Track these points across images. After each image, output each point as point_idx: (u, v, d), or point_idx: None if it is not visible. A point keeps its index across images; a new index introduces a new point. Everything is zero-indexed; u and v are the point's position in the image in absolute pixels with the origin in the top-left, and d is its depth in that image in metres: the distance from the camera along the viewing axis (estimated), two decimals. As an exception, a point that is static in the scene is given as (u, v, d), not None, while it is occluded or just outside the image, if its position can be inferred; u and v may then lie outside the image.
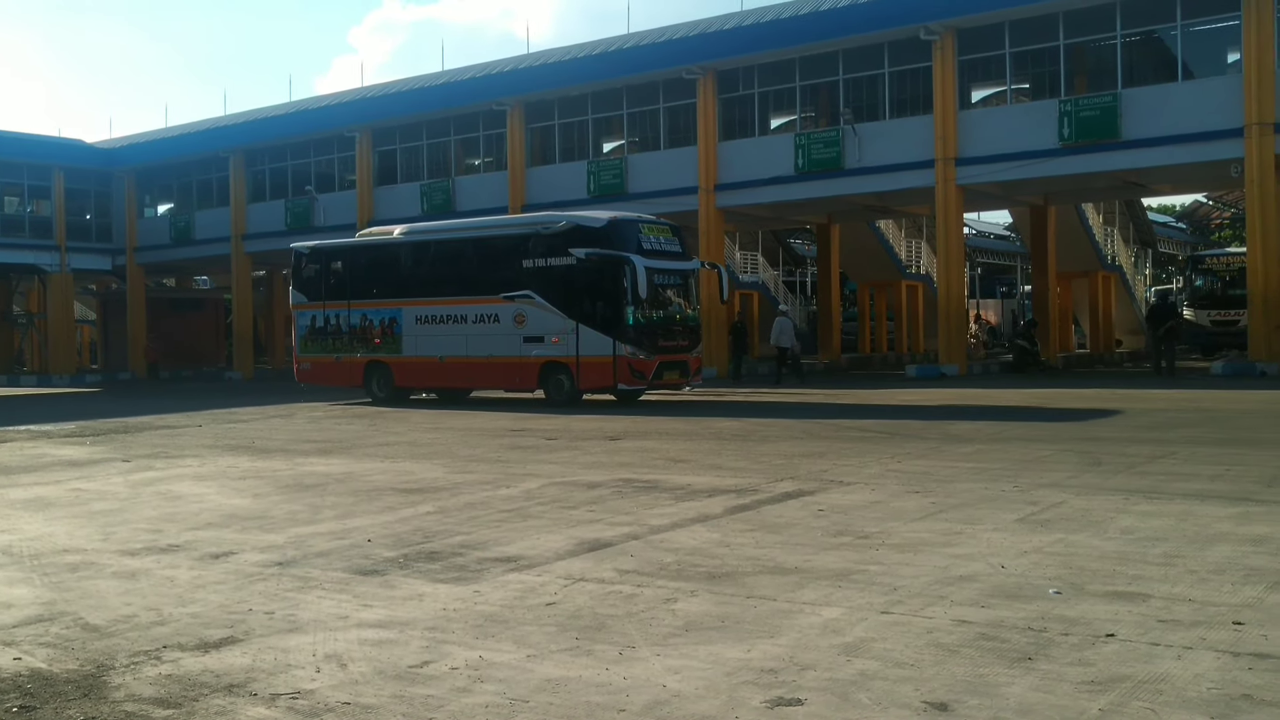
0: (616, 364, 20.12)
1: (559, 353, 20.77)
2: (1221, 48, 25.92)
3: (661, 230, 21.43)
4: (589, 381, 20.59)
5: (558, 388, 20.95)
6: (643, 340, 20.30)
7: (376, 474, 11.48)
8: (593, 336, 20.34)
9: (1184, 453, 11.42)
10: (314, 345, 24.72)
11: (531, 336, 21.09)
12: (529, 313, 21.07)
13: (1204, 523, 7.49)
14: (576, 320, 20.50)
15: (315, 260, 25.19)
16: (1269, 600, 5.45)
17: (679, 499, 9.17)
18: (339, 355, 24.17)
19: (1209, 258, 38.73)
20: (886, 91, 28.09)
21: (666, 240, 21.27)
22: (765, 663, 4.69)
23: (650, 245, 20.62)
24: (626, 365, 20.13)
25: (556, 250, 20.76)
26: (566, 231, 20.74)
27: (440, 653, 4.97)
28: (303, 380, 25.27)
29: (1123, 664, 4.53)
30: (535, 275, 21.07)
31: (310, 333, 24.78)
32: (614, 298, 20.16)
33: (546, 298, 20.84)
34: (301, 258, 25.45)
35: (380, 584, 6.39)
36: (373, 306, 23.61)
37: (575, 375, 20.62)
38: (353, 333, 23.89)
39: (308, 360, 24.94)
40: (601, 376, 20.41)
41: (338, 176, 39.49)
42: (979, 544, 7.00)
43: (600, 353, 20.25)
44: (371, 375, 23.67)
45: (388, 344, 23.33)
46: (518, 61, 34.46)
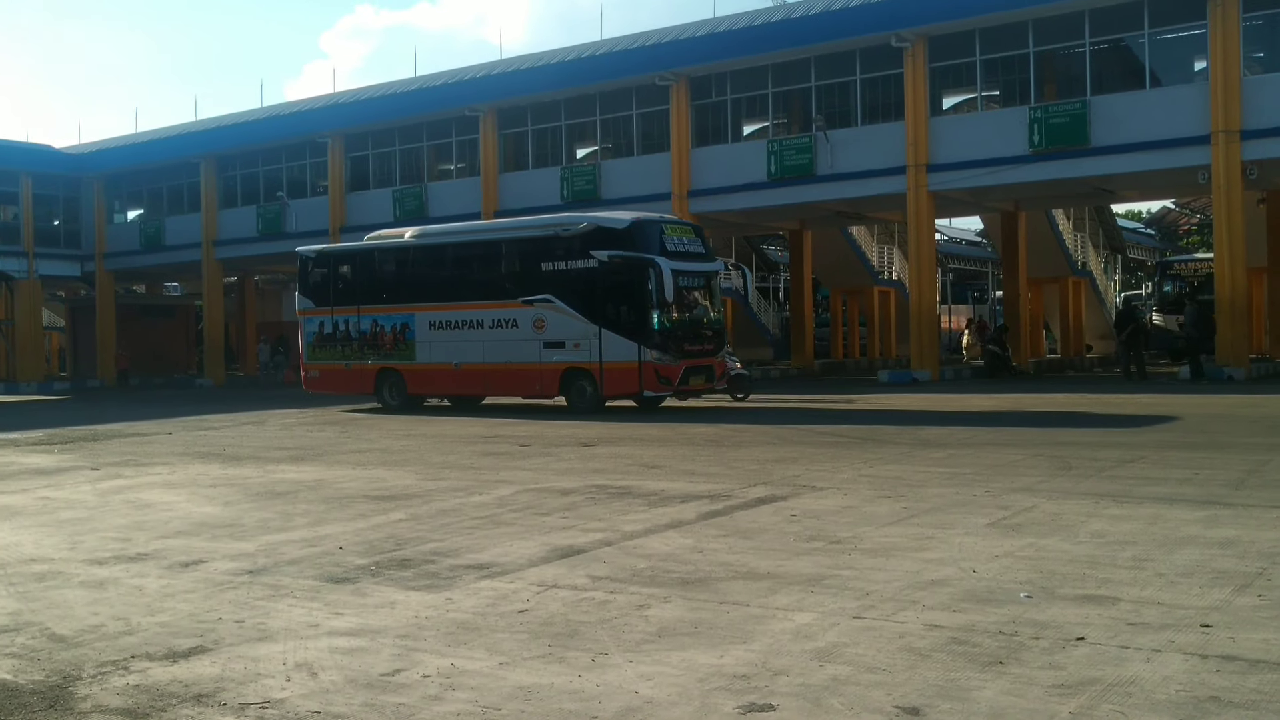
0: (642, 370, 19.37)
1: (581, 358, 20.09)
2: (1188, 56, 26.18)
3: (684, 231, 20.88)
4: (613, 388, 19.91)
5: (580, 395, 20.33)
6: (669, 345, 19.56)
7: (349, 481, 11.42)
8: (617, 341, 19.58)
9: (1153, 456, 11.52)
10: (323, 352, 23.98)
11: (552, 342, 20.39)
12: (549, 317, 20.38)
13: (1173, 526, 7.56)
14: (599, 325, 19.78)
15: (323, 264, 24.50)
16: (1236, 603, 5.50)
17: (652, 505, 9.17)
18: (349, 362, 23.45)
19: (1177, 263, 39.11)
20: (858, 98, 28.22)
21: (689, 241, 20.63)
22: (738, 668, 4.69)
23: (674, 246, 19.97)
24: (653, 371, 19.37)
25: (577, 252, 20.11)
26: (588, 233, 20.05)
27: (412, 661, 4.95)
28: (311, 389, 24.57)
29: (1093, 667, 4.56)
30: (555, 278, 20.40)
31: (318, 339, 24.01)
32: (638, 301, 19.46)
33: (567, 302, 20.16)
34: (308, 262, 24.71)
35: (352, 592, 6.36)
36: (384, 312, 22.93)
37: (599, 382, 19.93)
38: (363, 339, 23.20)
39: (316, 368, 24.16)
40: (626, 383, 19.70)
41: (310, 182, 39.29)
42: (951, 548, 7.03)
43: (625, 358, 19.52)
44: (383, 382, 22.97)
45: (400, 350, 22.66)
46: (491, 67, 34.42)
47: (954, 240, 53.15)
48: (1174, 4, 24.20)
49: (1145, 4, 24.33)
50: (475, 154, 34.60)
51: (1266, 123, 23.10)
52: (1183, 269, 37.40)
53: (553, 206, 31.02)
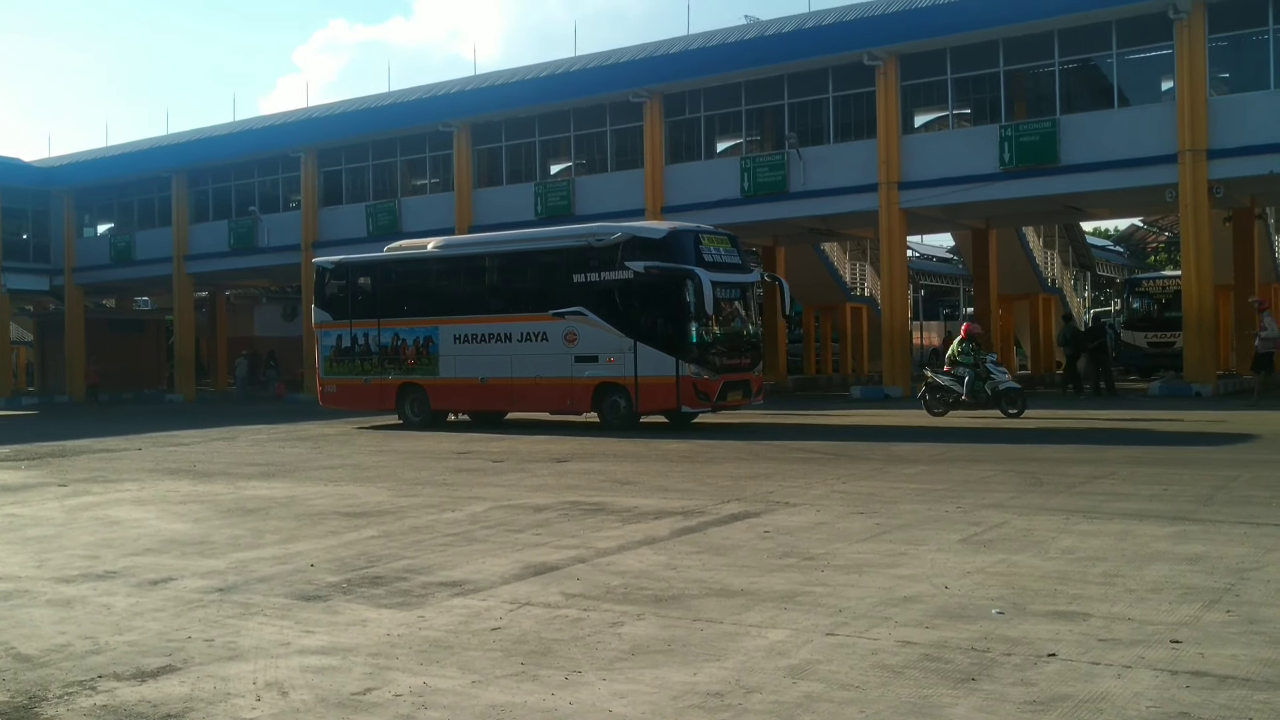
0: (680, 385, 18.65)
1: (615, 373, 19.38)
2: (1156, 76, 26.47)
3: (720, 241, 20.10)
4: (649, 404, 19.22)
5: (614, 410, 19.61)
6: (707, 359, 18.84)
7: (320, 498, 11.36)
8: (653, 355, 18.88)
9: (1123, 472, 11.60)
10: (340, 367, 23.11)
11: (584, 356, 19.67)
12: (581, 330, 19.67)
13: (1142, 542, 7.61)
14: (634, 338, 19.07)
15: (340, 276, 23.63)
16: (1205, 619, 5.54)
17: (626, 521, 9.16)
18: (368, 377, 22.62)
19: (1145, 281, 39.44)
20: (831, 116, 28.38)
21: (726, 251, 19.91)
22: (711, 686, 4.69)
23: (711, 256, 19.24)
24: (691, 386, 18.63)
25: (611, 263, 19.36)
26: (622, 244, 19.32)
27: (383, 679, 4.92)
28: (327, 404, 23.80)
29: (1064, 683, 4.59)
30: (587, 290, 19.67)
31: (336, 354, 23.17)
32: (677, 314, 18.76)
33: (600, 314, 19.46)
34: (325, 273, 23.86)
35: (323, 609, 6.31)
36: (406, 325, 22.16)
37: (634, 397, 19.20)
38: (383, 353, 22.37)
39: (333, 383, 23.29)
40: (663, 398, 19.01)
41: (282, 197, 39.14)
42: (923, 565, 7.05)
43: (662, 373, 18.81)
44: (405, 398, 22.21)
45: (423, 365, 21.86)
46: (465, 83, 34.43)
47: (926, 257, 53.47)
48: (1141, 25, 24.48)
49: (1113, 25, 24.62)
50: (449, 169, 34.56)
51: (1232, 142, 23.38)
52: (1151, 286, 37.74)
53: (526, 222, 31.01)
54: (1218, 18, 23.77)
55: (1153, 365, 33.67)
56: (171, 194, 40.48)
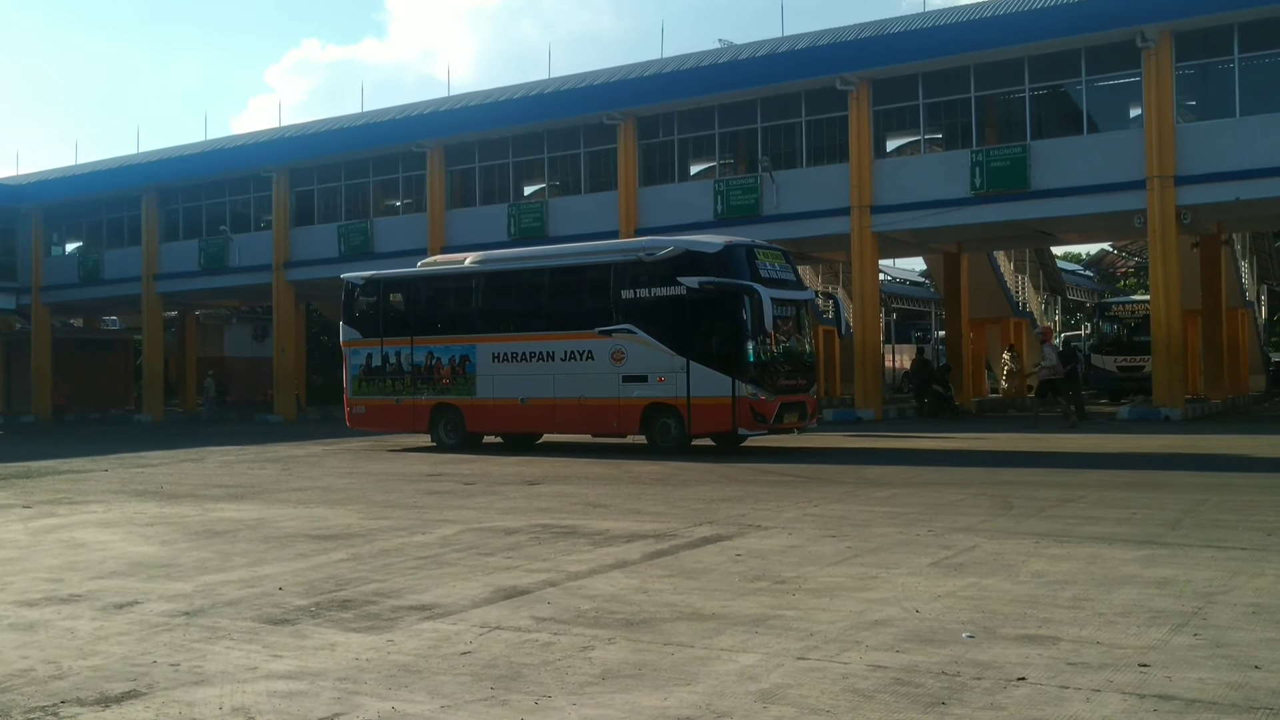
0: (736, 406, 17.94)
1: (665, 393, 18.63)
2: (1124, 103, 26.79)
3: (775, 255, 19.44)
4: (702, 426, 18.52)
5: (664, 432, 18.83)
6: (765, 379, 18.18)
7: (289, 520, 11.27)
8: (707, 375, 18.14)
9: (1092, 496, 11.67)
10: (370, 386, 22.17)
11: (632, 375, 18.90)
12: (629, 349, 18.92)
13: (1111, 566, 7.65)
14: (687, 357, 18.33)
15: (370, 293, 22.73)
16: (1173, 642, 5.57)
17: (597, 545, 9.13)
18: (399, 397, 21.70)
19: (1115, 305, 39.83)
20: (804, 139, 28.56)
21: (781, 267, 19.27)
22: (682, 710, 4.67)
23: (767, 272, 18.60)
24: (748, 407, 17.91)
25: (662, 279, 18.71)
26: (674, 258, 18.64)
27: (351, 704, 4.88)
28: (355, 426, 22.82)
29: (1033, 707, 4.59)
30: (636, 307, 18.97)
31: (365, 373, 22.23)
32: (733, 332, 18.07)
33: (650, 332, 18.72)
34: (354, 289, 22.90)
35: (291, 633, 6.25)
36: (440, 343, 21.32)
37: (686, 419, 18.44)
38: (416, 372, 21.50)
39: (362, 403, 22.33)
40: (717, 420, 18.29)
41: (254, 216, 38.97)
42: (894, 588, 7.06)
43: (716, 393, 18.08)
44: (439, 419, 21.34)
45: (458, 384, 21.01)
46: (438, 104, 34.46)
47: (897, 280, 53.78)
48: (1110, 53, 24.81)
49: (1083, 52, 24.94)
50: (422, 190, 34.53)
51: (1199, 169, 23.69)
52: (1120, 311, 38.10)
53: (499, 243, 30.97)
54: (1185, 46, 24.12)
55: (1123, 389, 33.95)
56: (141, 213, 40.24)
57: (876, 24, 27.95)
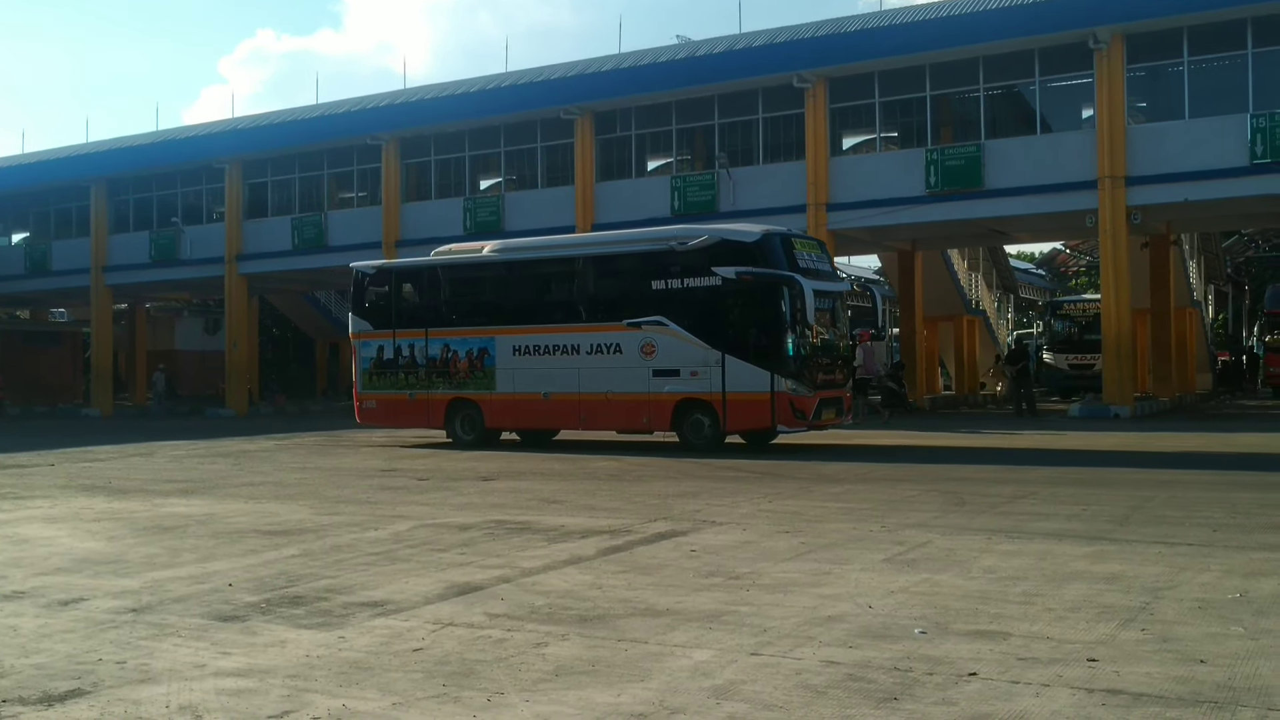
0: (776, 402, 17.29)
1: (698, 388, 17.97)
2: (1077, 104, 27.12)
3: (812, 246, 18.91)
4: (738, 422, 17.94)
5: (696, 429, 18.20)
6: (804, 374, 17.53)
7: (240, 515, 11.14)
8: (744, 370, 17.52)
9: (1043, 493, 11.79)
10: (381, 380, 21.29)
11: (663, 370, 18.22)
12: (660, 342, 18.25)
13: (1061, 561, 7.73)
14: (722, 351, 17.70)
15: (381, 283, 21.88)
16: (1120, 637, 5.63)
17: (552, 540, 9.10)
18: (412, 392, 20.86)
19: (1066, 304, 40.30)
20: (761, 137, 28.66)
21: (818, 257, 18.72)
22: (635, 707, 4.66)
23: (805, 263, 17.97)
24: (788, 403, 17.29)
25: (696, 269, 18.03)
26: (709, 247, 17.95)
27: (301, 702, 4.82)
28: (366, 421, 22.01)
29: (984, 702, 4.62)
30: (668, 298, 18.32)
31: (376, 366, 21.33)
32: (772, 325, 17.45)
33: (683, 324, 18.06)
34: (365, 279, 21.99)
35: (240, 630, 6.18)
36: (457, 335, 20.47)
37: (721, 415, 17.82)
38: (431, 366, 20.64)
39: (372, 398, 21.45)
40: (755, 416, 17.69)
41: (206, 208, 38.54)
42: (847, 584, 7.09)
43: (754, 389, 17.45)
44: (455, 414, 20.53)
45: (476, 379, 20.18)
46: (394, 96, 34.21)
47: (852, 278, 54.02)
48: (1063, 54, 25.09)
49: (1036, 53, 25.21)
50: (377, 183, 34.31)
51: (1149, 170, 24.03)
52: (1071, 309, 38.54)
53: (455, 237, 30.82)
54: (1136, 49, 24.45)
55: (1074, 387, 34.36)
56: (90, 203, 39.69)
57: (834, 22, 28.09)
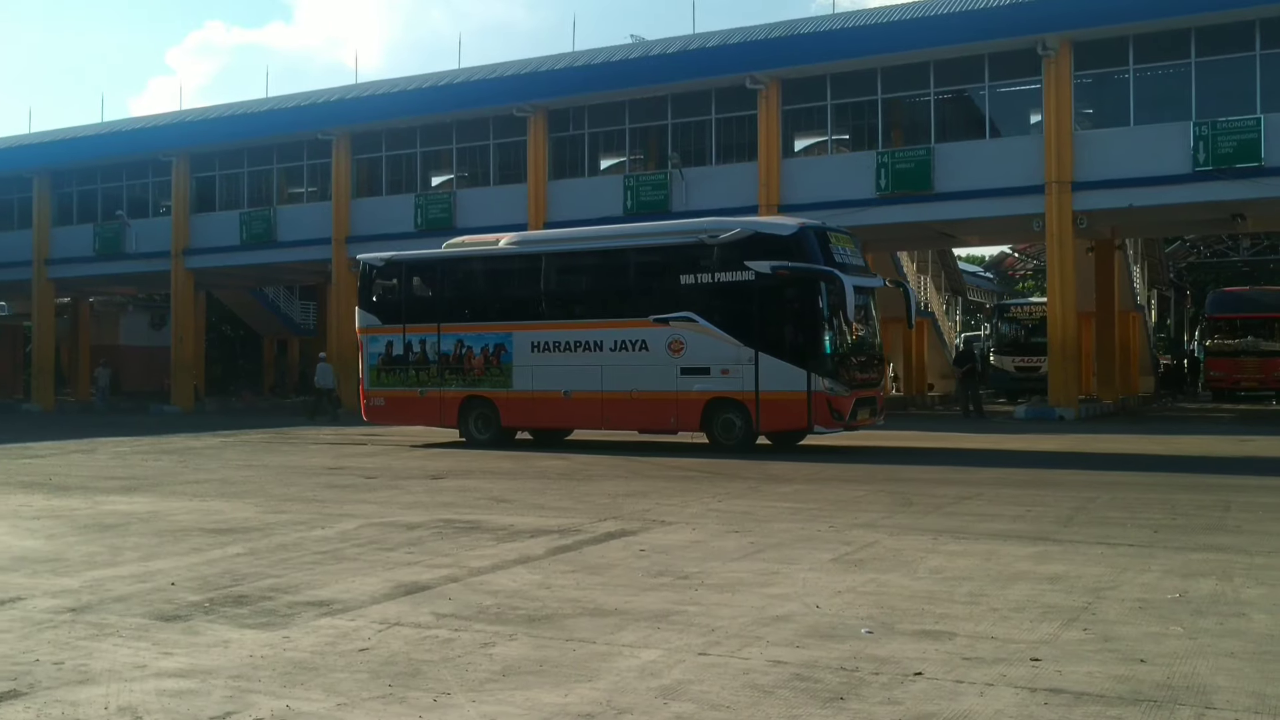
0: (813, 401, 16.75)
1: (730, 387, 17.40)
2: (1025, 109, 27.45)
3: (846, 240, 18.26)
4: (773, 422, 17.34)
5: (727, 429, 17.62)
6: (841, 373, 17.08)
7: (184, 513, 10.99)
8: (779, 368, 16.97)
9: (989, 494, 11.92)
10: (390, 377, 20.53)
11: (692, 367, 17.64)
12: (689, 339, 17.65)
13: (1006, 562, 7.81)
14: (755, 348, 17.14)
15: (391, 275, 21.02)
16: (1063, 637, 5.70)
17: (500, 540, 9.06)
18: (423, 389, 20.14)
19: (1013, 307, 40.77)
20: (714, 137, 28.74)
21: (852, 252, 18.15)
22: (582, 707, 4.65)
23: (841, 258, 17.41)
24: (825, 403, 16.75)
25: (727, 263, 17.45)
26: (742, 241, 17.35)
27: (244, 702, 4.76)
28: (374, 419, 21.24)
29: (929, 702, 4.66)
30: (698, 293, 17.74)
31: (384, 362, 20.57)
32: (810, 321, 16.97)
33: (713, 321, 17.47)
34: (373, 271, 21.09)
35: (183, 630, 6.09)
36: (472, 330, 19.76)
37: (754, 415, 17.26)
38: (443, 362, 19.94)
39: (381, 395, 20.69)
40: (790, 416, 17.11)
41: (152, 201, 38.03)
42: (795, 584, 7.12)
43: (790, 388, 16.90)
44: (469, 413, 19.83)
45: (492, 375, 19.47)
46: (345, 91, 33.95)
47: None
48: (1012, 59, 25.38)
49: (986, 58, 25.48)
50: (327, 178, 34.02)
51: (1095, 175, 24.38)
52: (1018, 312, 38.99)
53: (406, 234, 30.68)
54: (1083, 56, 24.80)
55: (1020, 389, 34.76)
56: (33, 195, 39.02)
57: (787, 24, 28.23)
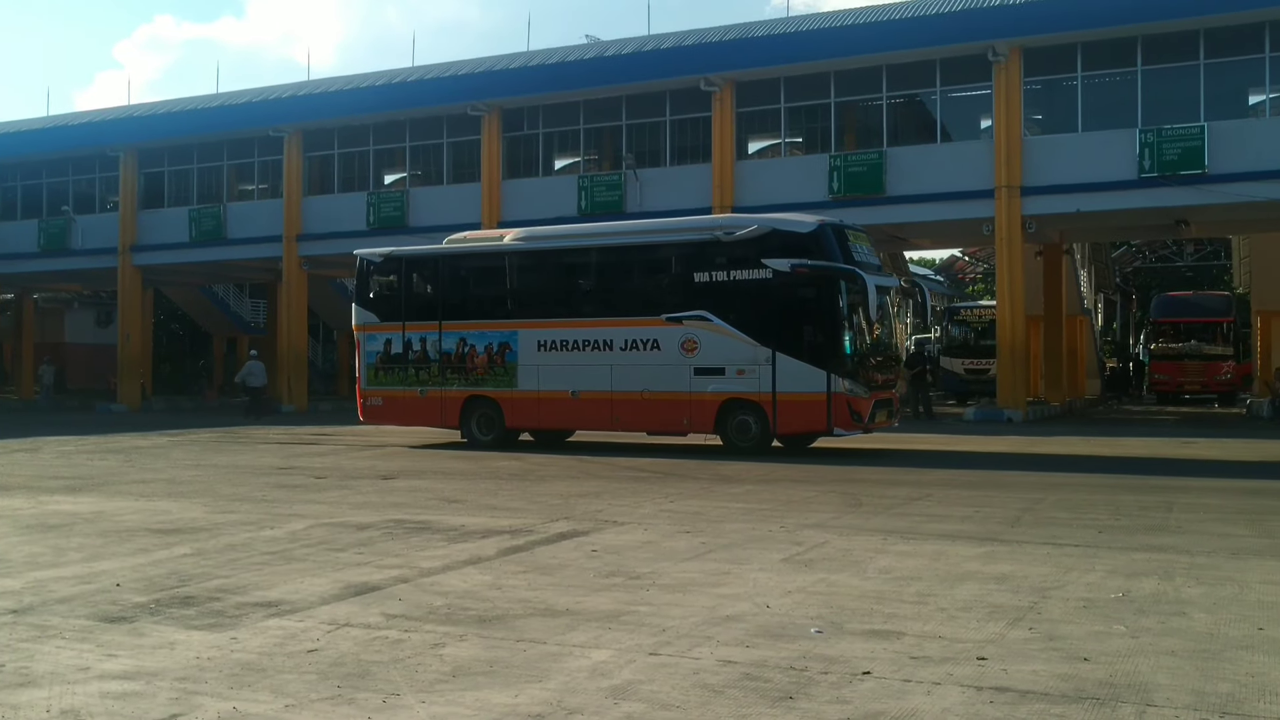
0: (833, 403, 16.38)
1: (745, 388, 17.00)
2: (976, 114, 27.75)
3: (863, 239, 17.90)
4: (791, 424, 16.94)
5: (742, 431, 17.20)
6: (860, 374, 16.77)
7: (130, 513, 10.84)
8: (797, 369, 16.59)
9: (938, 494, 12.04)
10: (388, 376, 19.85)
11: (706, 368, 17.20)
12: (703, 338, 17.22)
13: (954, 562, 7.90)
14: (772, 348, 16.75)
15: (389, 271, 20.40)
16: (1009, 636, 5.78)
17: (452, 540, 9.03)
18: (423, 389, 19.50)
19: (963, 310, 41.14)
20: (668, 139, 28.80)
21: (869, 250, 17.81)
22: (532, 708, 4.64)
23: (859, 255, 17.05)
24: (845, 404, 16.39)
25: (743, 261, 17.05)
26: (759, 238, 16.96)
27: (190, 705, 4.72)
28: (371, 420, 20.48)
29: (877, 700, 4.70)
30: (712, 292, 17.29)
31: (382, 361, 19.90)
32: (830, 321, 16.58)
33: (728, 320, 17.04)
34: (371, 267, 20.46)
35: (128, 631, 6.02)
36: (475, 328, 19.19)
37: (771, 416, 16.87)
38: (445, 361, 19.32)
39: (378, 395, 19.99)
40: (808, 418, 16.72)
41: (99, 197, 37.47)
42: (746, 584, 7.16)
43: (809, 389, 16.52)
44: (472, 413, 19.23)
45: (496, 375, 18.91)
46: (298, 88, 33.65)
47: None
48: (963, 65, 25.65)
49: (938, 63, 25.73)
50: (279, 175, 33.70)
51: (1044, 180, 24.70)
52: (968, 315, 39.36)
53: (358, 233, 30.49)
54: (1033, 62, 25.11)
55: (970, 391, 35.10)
56: (-25, 190, 38.32)
57: (741, 27, 28.33)
